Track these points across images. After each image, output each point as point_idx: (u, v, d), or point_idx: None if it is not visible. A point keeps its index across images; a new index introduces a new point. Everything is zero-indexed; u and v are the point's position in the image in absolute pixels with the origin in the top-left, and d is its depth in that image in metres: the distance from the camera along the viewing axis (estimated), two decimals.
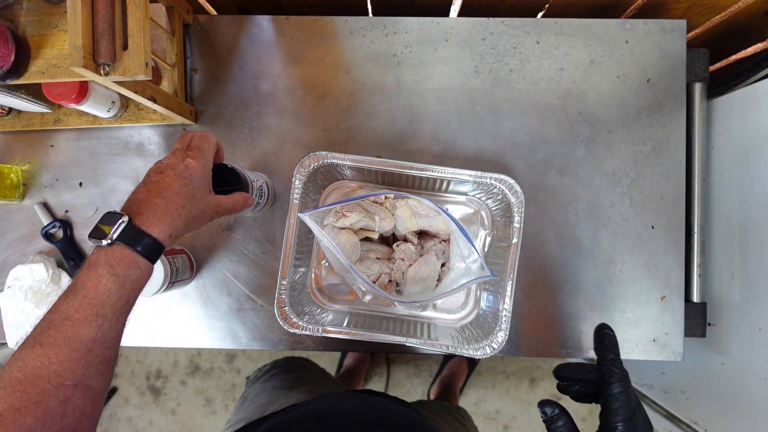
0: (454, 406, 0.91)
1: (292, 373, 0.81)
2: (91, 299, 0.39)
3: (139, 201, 0.43)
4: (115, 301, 0.40)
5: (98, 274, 0.40)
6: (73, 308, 0.39)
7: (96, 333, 0.39)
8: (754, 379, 0.66)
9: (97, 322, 0.39)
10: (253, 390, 0.78)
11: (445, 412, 0.83)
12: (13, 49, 0.51)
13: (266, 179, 0.66)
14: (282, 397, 0.69)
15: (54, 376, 0.36)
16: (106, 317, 0.39)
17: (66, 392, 0.37)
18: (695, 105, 0.69)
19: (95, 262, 0.40)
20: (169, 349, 1.56)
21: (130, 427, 1.55)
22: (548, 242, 0.69)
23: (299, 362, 0.88)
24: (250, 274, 0.69)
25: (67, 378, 0.37)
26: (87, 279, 0.40)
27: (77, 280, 0.40)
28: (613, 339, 0.43)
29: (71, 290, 0.40)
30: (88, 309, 0.39)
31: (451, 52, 0.69)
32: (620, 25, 0.69)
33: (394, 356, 1.52)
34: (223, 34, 0.70)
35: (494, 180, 0.61)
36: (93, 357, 0.39)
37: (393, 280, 0.65)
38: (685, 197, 0.69)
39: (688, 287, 0.70)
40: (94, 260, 0.41)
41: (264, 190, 0.63)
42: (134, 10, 0.49)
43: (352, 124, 0.70)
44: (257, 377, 0.83)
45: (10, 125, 0.67)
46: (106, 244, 0.41)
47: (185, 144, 0.49)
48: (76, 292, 0.39)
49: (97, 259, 0.41)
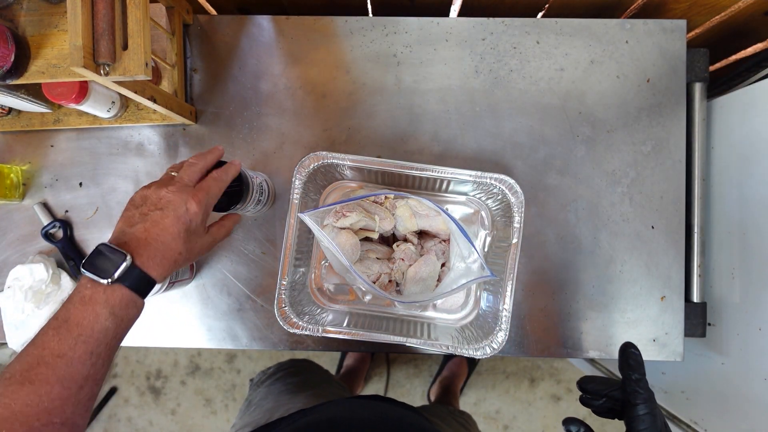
0: (459, 411, 0.91)
1: (297, 376, 0.80)
2: (87, 338, 0.38)
3: (137, 239, 0.42)
4: (110, 339, 0.39)
5: (96, 313, 0.39)
6: (68, 346, 0.37)
7: (89, 371, 0.38)
8: (754, 379, 0.66)
9: (91, 360, 0.38)
10: (258, 394, 0.77)
11: (450, 417, 0.83)
12: (13, 49, 0.51)
13: (265, 177, 0.66)
14: (288, 402, 0.69)
15: (43, 414, 0.36)
16: (100, 355, 0.39)
17: (53, 430, 0.36)
18: (695, 105, 0.69)
19: (92, 299, 0.39)
20: (169, 349, 1.56)
21: (130, 427, 1.55)
22: (548, 242, 0.69)
23: (303, 365, 0.88)
24: (250, 274, 0.69)
25: (56, 416, 0.36)
26: (83, 317, 0.38)
27: (71, 314, 0.39)
28: (638, 359, 0.42)
29: (63, 325, 0.38)
30: (83, 347, 0.38)
31: (451, 52, 0.69)
32: (620, 25, 0.69)
33: (394, 356, 1.52)
34: (223, 34, 0.70)
35: (494, 180, 0.61)
36: (83, 395, 0.38)
37: (393, 280, 0.65)
38: (685, 197, 0.69)
39: (688, 287, 0.70)
40: (89, 296, 0.39)
41: (264, 188, 0.63)
42: (134, 10, 0.49)
43: (352, 124, 0.70)
44: (261, 380, 0.82)
45: (10, 125, 0.67)
46: (107, 283, 0.39)
47: (193, 177, 0.47)
48: (70, 329, 0.38)
49: (94, 296, 0.39)
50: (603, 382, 0.45)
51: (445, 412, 0.86)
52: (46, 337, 0.38)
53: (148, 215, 0.43)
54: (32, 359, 0.37)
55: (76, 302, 0.39)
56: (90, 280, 0.40)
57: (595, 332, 0.68)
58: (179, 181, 0.46)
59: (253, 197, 0.60)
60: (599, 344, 0.68)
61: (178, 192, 0.45)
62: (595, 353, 0.68)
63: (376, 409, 0.54)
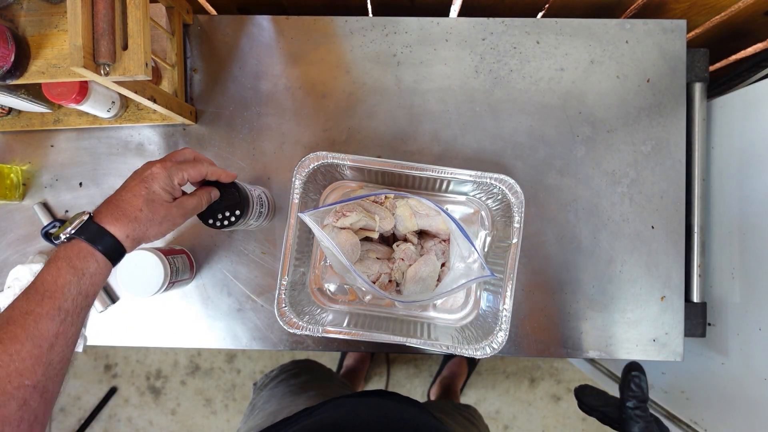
0: (464, 406, 0.90)
1: (300, 377, 0.80)
2: (52, 293, 0.39)
3: (104, 202, 0.46)
4: (75, 294, 0.40)
5: (57, 267, 0.41)
6: (35, 302, 0.38)
7: (59, 327, 0.39)
8: (754, 379, 0.66)
9: (60, 316, 0.39)
10: (261, 397, 0.77)
11: (455, 412, 0.83)
12: (13, 49, 0.51)
13: (264, 190, 0.66)
14: (291, 404, 0.69)
15: (15, 375, 0.35)
16: (68, 311, 0.39)
17: (25, 394, 0.36)
18: (695, 105, 0.69)
19: (54, 258, 0.42)
20: (169, 349, 1.56)
21: (130, 427, 1.55)
22: (548, 242, 0.69)
23: (306, 365, 0.88)
24: (250, 274, 0.69)
25: (27, 378, 0.36)
26: (47, 273, 0.40)
27: (37, 277, 0.40)
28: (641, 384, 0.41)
29: (31, 287, 0.40)
30: (50, 303, 0.39)
31: (451, 52, 0.69)
32: (620, 25, 0.69)
33: (394, 356, 1.52)
34: (223, 34, 0.70)
35: (494, 180, 0.61)
36: (54, 355, 0.38)
37: (393, 280, 0.65)
38: (685, 197, 0.69)
39: (688, 287, 0.70)
40: (54, 256, 0.42)
41: (264, 200, 0.63)
42: (134, 10, 0.49)
43: (352, 124, 0.70)
44: (265, 383, 0.82)
45: (10, 125, 0.67)
46: (64, 239, 0.42)
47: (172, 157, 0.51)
48: (36, 287, 0.39)
49: (57, 254, 0.42)
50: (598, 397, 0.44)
51: (451, 407, 0.86)
52: (15, 301, 0.39)
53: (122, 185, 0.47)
54: (2, 320, 0.38)
55: (45, 265, 0.42)
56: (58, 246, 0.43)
57: (595, 332, 0.68)
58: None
59: (254, 210, 0.59)
60: (599, 344, 0.68)
61: (149, 163, 0.49)
62: (595, 353, 0.68)
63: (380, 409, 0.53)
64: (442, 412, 0.78)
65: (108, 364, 1.56)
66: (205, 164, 0.51)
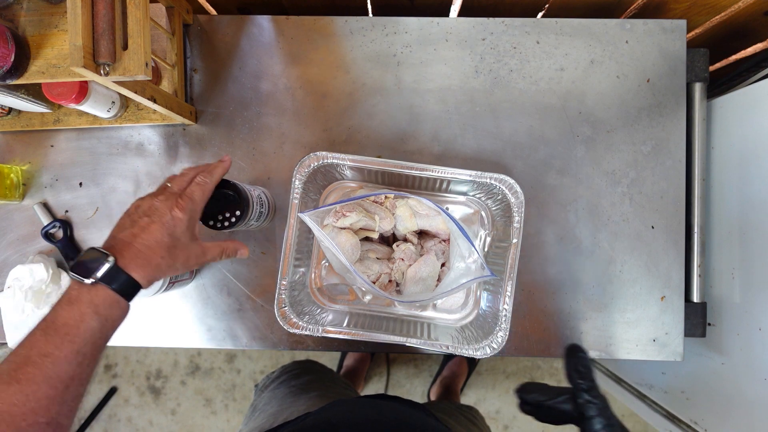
0: (466, 407, 0.90)
1: (301, 378, 0.80)
2: (74, 337, 0.39)
3: (123, 242, 0.44)
4: (95, 340, 0.40)
5: (82, 312, 0.40)
6: (54, 345, 0.38)
7: (75, 370, 0.39)
8: (754, 379, 0.66)
9: (77, 359, 0.39)
10: (262, 399, 0.77)
11: (457, 412, 0.83)
12: (13, 49, 0.51)
13: (263, 190, 0.65)
14: (292, 405, 0.69)
15: (30, 413, 0.36)
16: (86, 355, 0.39)
17: (39, 430, 0.36)
18: (695, 105, 0.69)
19: (77, 299, 0.40)
20: (169, 349, 1.56)
21: (130, 427, 1.55)
22: (548, 242, 0.69)
23: (307, 366, 0.87)
24: (250, 274, 0.69)
25: (41, 416, 0.36)
26: (69, 316, 0.39)
27: (57, 315, 0.40)
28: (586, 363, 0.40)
29: (50, 326, 0.39)
30: (70, 347, 0.38)
31: (451, 52, 0.69)
32: (620, 25, 0.69)
33: (394, 356, 1.52)
34: (223, 34, 0.70)
35: (494, 180, 0.61)
36: (69, 394, 0.38)
37: (393, 280, 0.65)
38: (685, 197, 0.69)
39: (688, 287, 0.70)
40: (75, 297, 0.41)
41: (264, 199, 0.63)
42: (134, 10, 0.49)
43: (352, 124, 0.70)
44: (266, 385, 0.82)
45: (10, 125, 0.67)
46: (90, 282, 0.41)
47: (182, 186, 0.49)
48: (57, 328, 0.39)
49: (79, 296, 0.40)
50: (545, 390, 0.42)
51: (452, 407, 0.86)
52: (33, 338, 0.39)
53: (137, 222, 0.45)
54: (20, 359, 0.38)
55: (63, 303, 0.40)
56: (76, 282, 0.41)
57: (595, 332, 0.68)
58: (168, 191, 0.48)
59: (254, 210, 0.59)
60: (599, 344, 0.68)
61: (165, 200, 0.47)
62: (595, 353, 0.68)
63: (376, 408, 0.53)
64: (443, 413, 0.78)
65: (108, 364, 1.56)
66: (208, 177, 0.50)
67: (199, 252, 0.49)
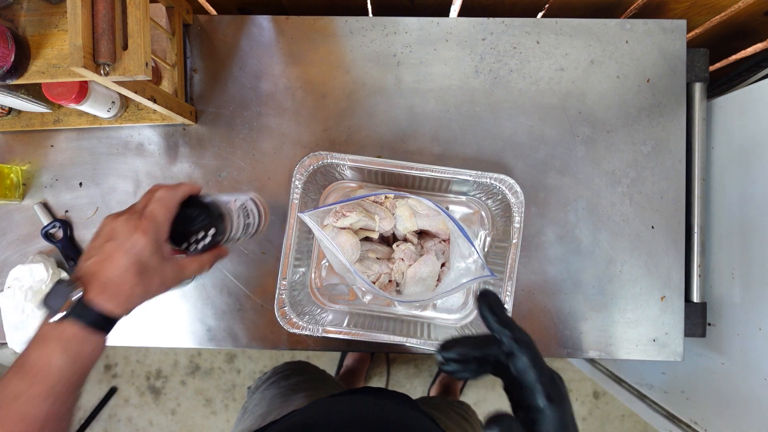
0: (458, 402, 0.90)
1: (291, 379, 0.80)
2: (43, 378, 0.37)
3: (90, 274, 0.41)
4: (67, 378, 0.38)
5: (50, 350, 0.38)
6: (24, 387, 0.37)
7: (50, 410, 0.37)
8: (753, 379, 0.66)
9: (50, 399, 0.37)
10: (252, 400, 0.76)
11: (448, 408, 0.83)
12: (13, 49, 0.51)
13: (251, 196, 0.57)
14: (280, 406, 0.68)
15: None
16: (58, 395, 0.38)
17: None
18: (695, 105, 0.69)
19: (45, 338, 0.39)
20: (169, 349, 1.56)
21: (130, 427, 1.55)
22: (548, 242, 0.69)
23: (299, 367, 0.87)
24: (250, 274, 0.69)
25: None
26: (38, 356, 0.38)
27: (28, 355, 0.38)
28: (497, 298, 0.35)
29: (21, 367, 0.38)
30: (40, 387, 0.37)
31: (451, 52, 0.70)
32: (620, 25, 0.69)
33: (394, 356, 1.52)
34: (223, 34, 0.70)
35: (494, 180, 0.61)
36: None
37: (393, 280, 0.65)
38: (685, 197, 0.69)
39: (688, 287, 0.70)
40: (43, 334, 0.39)
41: (250, 207, 0.55)
42: (134, 10, 0.49)
43: (352, 124, 0.70)
44: (257, 386, 0.81)
45: (10, 125, 0.67)
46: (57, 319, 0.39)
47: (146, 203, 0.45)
48: (26, 370, 0.38)
49: (47, 334, 0.39)
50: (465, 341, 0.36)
51: (444, 403, 0.86)
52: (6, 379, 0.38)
53: (102, 247, 0.42)
54: None
55: (34, 342, 0.39)
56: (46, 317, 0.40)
57: (595, 332, 0.68)
58: (131, 210, 0.45)
59: (236, 224, 0.52)
60: (599, 344, 0.68)
61: (126, 222, 0.43)
62: (595, 353, 0.68)
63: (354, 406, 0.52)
64: (434, 408, 0.78)
65: (108, 364, 1.56)
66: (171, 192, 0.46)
67: (176, 271, 0.46)
